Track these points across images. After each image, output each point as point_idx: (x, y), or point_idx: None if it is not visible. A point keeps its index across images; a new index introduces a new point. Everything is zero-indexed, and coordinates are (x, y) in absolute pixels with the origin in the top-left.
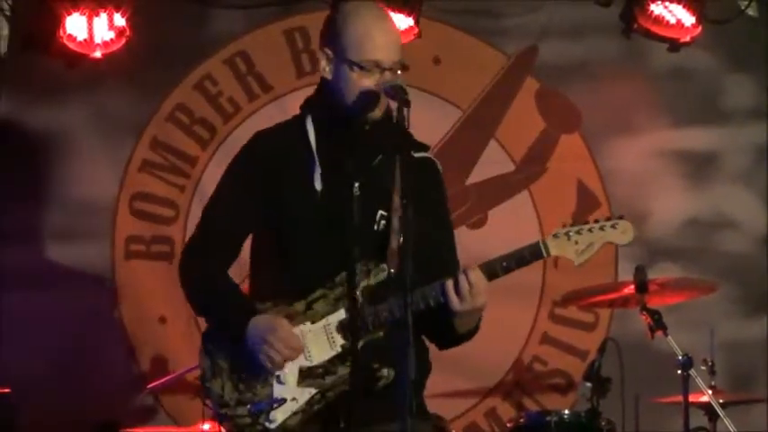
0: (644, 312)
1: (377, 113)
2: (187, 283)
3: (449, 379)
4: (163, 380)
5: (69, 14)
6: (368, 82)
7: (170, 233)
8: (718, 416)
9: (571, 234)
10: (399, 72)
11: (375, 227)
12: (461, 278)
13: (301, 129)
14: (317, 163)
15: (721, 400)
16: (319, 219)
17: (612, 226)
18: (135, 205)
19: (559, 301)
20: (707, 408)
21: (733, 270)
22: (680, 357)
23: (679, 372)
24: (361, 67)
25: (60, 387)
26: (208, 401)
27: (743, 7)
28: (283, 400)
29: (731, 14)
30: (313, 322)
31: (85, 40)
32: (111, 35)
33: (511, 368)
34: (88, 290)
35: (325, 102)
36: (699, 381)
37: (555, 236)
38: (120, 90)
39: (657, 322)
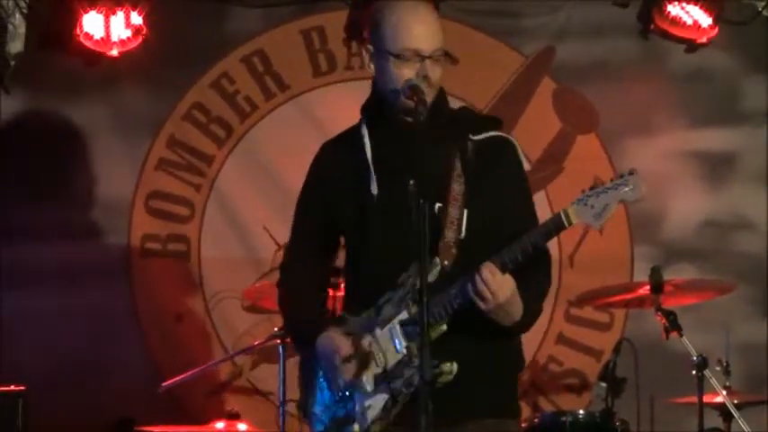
0: (659, 313)
1: (420, 106)
2: (278, 301)
3: None
4: (179, 378)
5: (86, 12)
6: (408, 72)
7: (186, 232)
8: (733, 416)
9: (587, 199)
10: (443, 61)
11: (434, 221)
12: (477, 279)
13: (358, 135)
14: (372, 167)
15: (736, 401)
16: (378, 223)
17: (624, 183)
18: (151, 204)
19: (575, 302)
20: (721, 408)
21: (749, 271)
22: (695, 358)
23: (694, 372)
24: (399, 57)
25: (76, 385)
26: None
27: (760, 8)
28: (362, 411)
29: (748, 16)
30: (381, 327)
31: (102, 38)
32: (127, 33)
33: (526, 368)
34: (104, 288)
35: (375, 101)
36: (713, 381)
37: (573, 203)
38: (137, 88)
39: (672, 323)
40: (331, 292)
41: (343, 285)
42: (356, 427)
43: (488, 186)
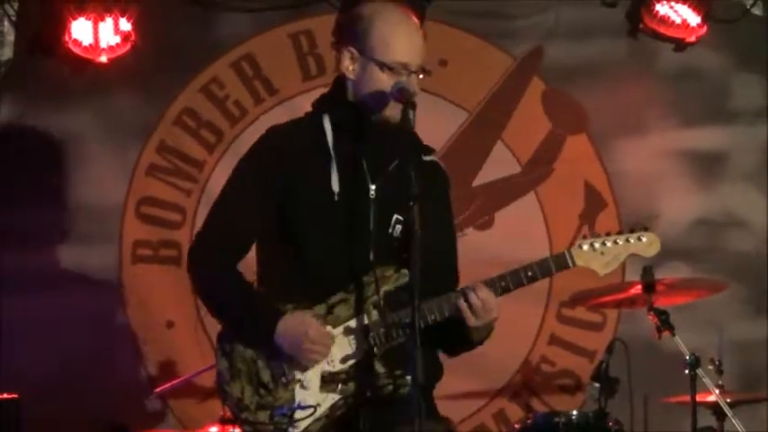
0: (651, 312)
1: (395, 115)
2: (200, 282)
3: (457, 381)
4: (171, 383)
5: (75, 19)
6: (393, 81)
7: (177, 237)
8: (726, 415)
9: (596, 246)
10: (421, 76)
11: (390, 230)
12: (472, 296)
13: (318, 127)
14: (335, 164)
15: (729, 400)
16: (336, 220)
17: (639, 238)
18: (142, 209)
19: (567, 302)
20: (715, 407)
21: (741, 270)
22: (687, 357)
23: (687, 371)
24: (390, 68)
25: (69, 391)
26: (226, 405)
27: (748, 6)
28: (307, 406)
29: (737, 14)
30: (335, 327)
31: (91, 44)
32: (116, 40)
33: (519, 369)
34: (96, 294)
35: (345, 101)
36: (706, 380)
37: (580, 246)
38: (127, 94)
39: (665, 322)
40: None
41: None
42: (298, 420)
43: (430, 207)
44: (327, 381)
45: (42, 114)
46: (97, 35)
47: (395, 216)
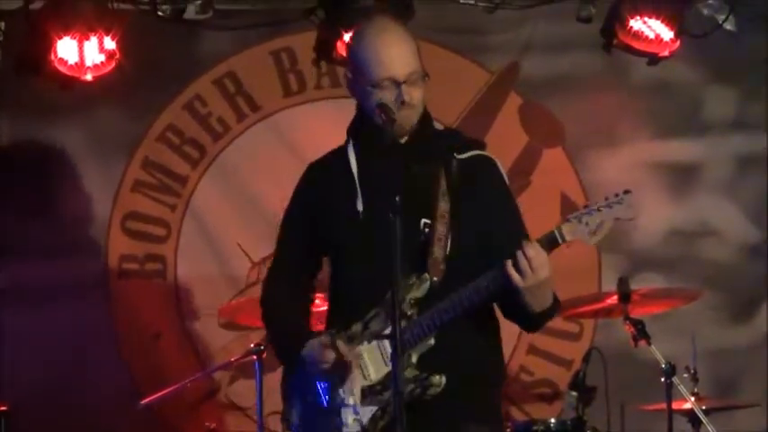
0: (627, 322)
1: (388, 125)
2: (262, 316)
3: None
4: (158, 394)
5: (60, 38)
6: (386, 97)
7: (162, 251)
8: (701, 422)
9: (582, 217)
10: (421, 82)
11: (421, 237)
12: (519, 254)
13: (344, 154)
14: (358, 185)
15: (704, 407)
16: (363, 239)
17: (618, 202)
18: (127, 224)
19: None
20: (690, 414)
21: (715, 278)
22: (663, 365)
23: (662, 379)
24: (377, 86)
25: (57, 403)
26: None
27: (720, 21)
28: (350, 422)
29: (709, 28)
30: (369, 341)
31: (76, 63)
32: (101, 58)
33: None
34: (83, 307)
35: (360, 123)
36: (682, 388)
37: (568, 221)
38: (112, 112)
39: (641, 331)
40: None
41: (318, 302)
42: None
43: (473, 203)
44: (366, 394)
45: (29, 131)
46: (82, 54)
47: (423, 221)
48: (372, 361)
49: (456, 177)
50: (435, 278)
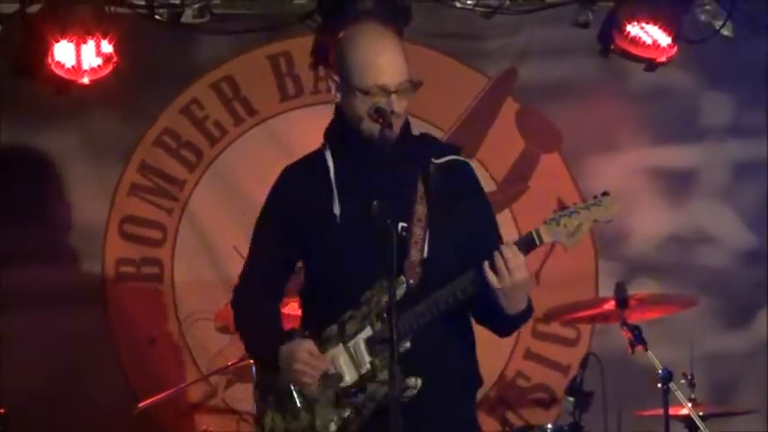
0: (624, 327)
1: (386, 129)
2: (234, 320)
3: None
4: (154, 399)
5: (57, 42)
6: (372, 104)
7: (159, 255)
8: (698, 428)
9: (561, 219)
10: (410, 92)
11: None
12: (496, 255)
13: (321, 158)
14: (335, 189)
15: (701, 413)
16: (340, 242)
17: (597, 204)
18: (124, 228)
19: (542, 318)
20: (687, 420)
21: (712, 284)
22: (660, 371)
23: (659, 385)
24: (367, 93)
25: (53, 407)
26: None
27: (717, 27)
28: (324, 424)
29: (706, 34)
30: (345, 343)
31: (73, 66)
32: (98, 62)
33: (495, 384)
34: (79, 312)
35: (339, 128)
36: (678, 394)
37: (546, 223)
38: (109, 115)
39: (638, 337)
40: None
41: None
42: None
43: (450, 207)
44: (341, 397)
45: (26, 135)
46: (79, 57)
47: (400, 225)
48: (347, 364)
49: (433, 181)
50: (412, 281)
